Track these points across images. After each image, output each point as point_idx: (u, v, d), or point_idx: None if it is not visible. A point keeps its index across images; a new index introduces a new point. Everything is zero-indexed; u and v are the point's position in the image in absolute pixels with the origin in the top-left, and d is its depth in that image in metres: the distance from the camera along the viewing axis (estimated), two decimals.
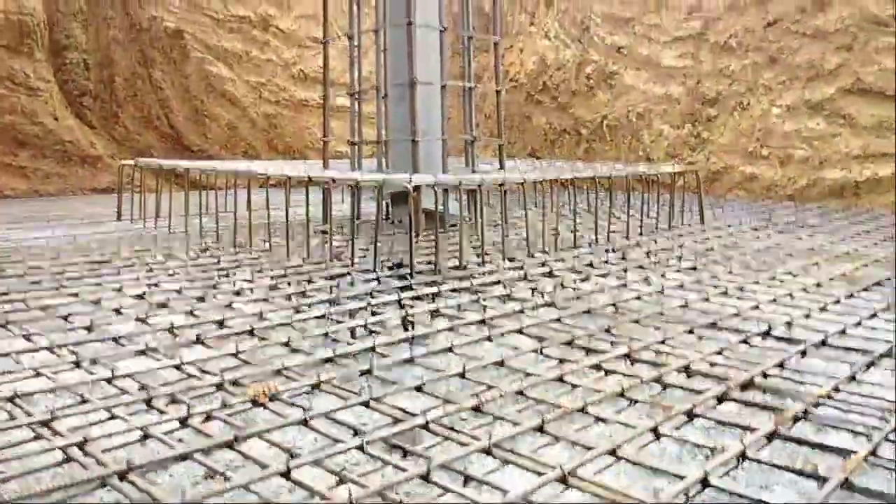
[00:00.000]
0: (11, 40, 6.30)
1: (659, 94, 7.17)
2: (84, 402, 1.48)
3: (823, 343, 1.97)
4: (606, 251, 3.61)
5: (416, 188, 3.24)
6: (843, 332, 2.09)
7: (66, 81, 6.79)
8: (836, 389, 1.58)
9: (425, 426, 1.34)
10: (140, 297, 2.56)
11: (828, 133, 6.01)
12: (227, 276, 2.98)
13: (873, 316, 2.29)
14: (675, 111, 7.06)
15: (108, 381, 1.62)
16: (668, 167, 4.97)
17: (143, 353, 1.86)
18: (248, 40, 7.60)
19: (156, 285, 2.76)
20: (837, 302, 2.51)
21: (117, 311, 2.34)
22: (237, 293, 2.65)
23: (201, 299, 2.52)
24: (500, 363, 1.76)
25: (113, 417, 1.41)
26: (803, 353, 1.88)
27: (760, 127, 6.42)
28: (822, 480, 1.13)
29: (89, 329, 2.11)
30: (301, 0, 7.97)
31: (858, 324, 2.19)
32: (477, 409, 1.44)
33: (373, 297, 2.53)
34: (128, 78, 7.07)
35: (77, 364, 1.76)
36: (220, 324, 2.15)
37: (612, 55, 7.57)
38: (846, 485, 1.12)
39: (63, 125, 6.69)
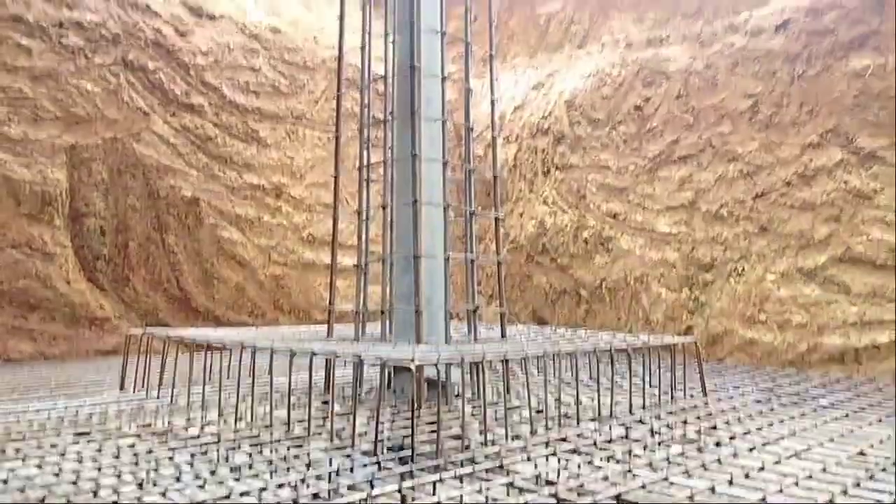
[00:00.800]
0: (33, 208, 6.62)
1: (655, 258, 7.38)
2: None
3: None
4: (610, 427, 3.59)
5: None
6: None
7: (82, 246, 7.04)
8: None
9: None
10: (139, 486, 2.54)
11: (823, 300, 6.13)
12: (227, 458, 2.96)
13: None
14: (672, 275, 7.24)
15: None
16: (668, 338, 5.04)
17: None
18: (260, 206, 7.95)
19: (156, 470, 2.74)
20: (844, 492, 2.48)
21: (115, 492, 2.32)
22: (236, 479, 2.62)
23: (201, 487, 2.50)
24: None
25: None
26: None
27: (757, 293, 6.56)
28: None
29: None
30: (314, 169, 8.41)
31: None
32: None
33: (373, 487, 2.51)
34: (142, 243, 7.33)
35: None
36: None
37: (607, 221, 7.87)
38: None
39: (75, 289, 6.87)
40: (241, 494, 2.41)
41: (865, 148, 6.00)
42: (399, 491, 2.47)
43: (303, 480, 2.61)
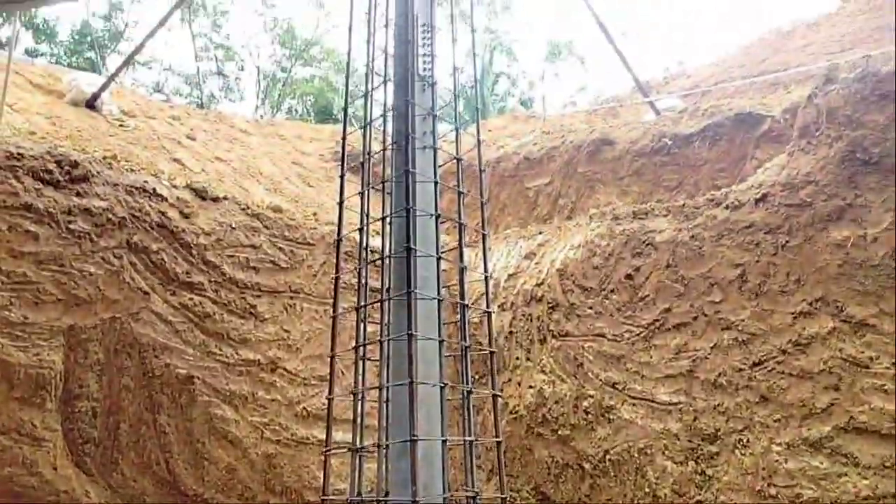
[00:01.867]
0: (26, 392, 6.55)
1: (658, 429, 7.23)
2: None
3: None
4: None
5: None
6: None
7: (73, 429, 6.89)
8: None
9: None
10: None
11: (833, 472, 5.94)
12: None
13: None
14: (677, 447, 7.06)
15: None
16: None
17: None
18: (255, 382, 7.88)
19: None
20: None
21: None
22: None
23: None
24: None
25: None
26: None
27: (764, 465, 6.37)
28: None
29: None
30: (310, 342, 8.43)
31: None
32: None
33: None
34: (133, 424, 7.19)
35: None
36: None
37: (607, 390, 7.78)
38: None
39: (61, 475, 6.64)
40: None
41: (856, 316, 6.09)
42: None
43: None
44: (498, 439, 4.95)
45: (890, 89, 6.18)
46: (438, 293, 5.12)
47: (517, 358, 9.06)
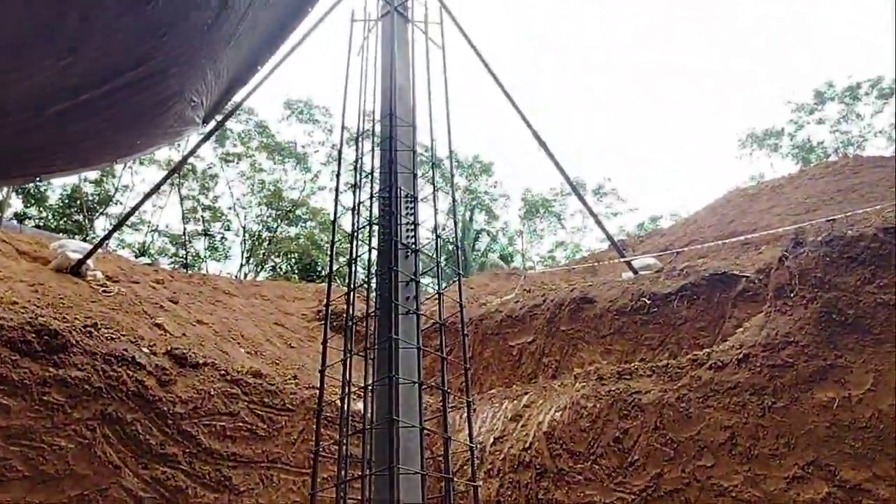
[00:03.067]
0: None
1: None
2: None
3: None
4: None
5: None
6: None
7: None
8: None
9: None
10: None
11: None
12: None
13: None
14: None
15: None
16: None
17: None
18: None
19: None
20: None
21: None
22: None
23: None
24: None
25: None
26: None
27: None
28: None
29: None
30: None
31: None
32: None
33: None
34: None
35: None
36: None
37: None
38: None
39: None
40: None
41: (850, 481, 5.94)
42: None
43: None
44: None
45: (857, 252, 6.42)
46: (422, 467, 4.97)
47: None
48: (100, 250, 11.13)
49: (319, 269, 27.23)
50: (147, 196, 11.62)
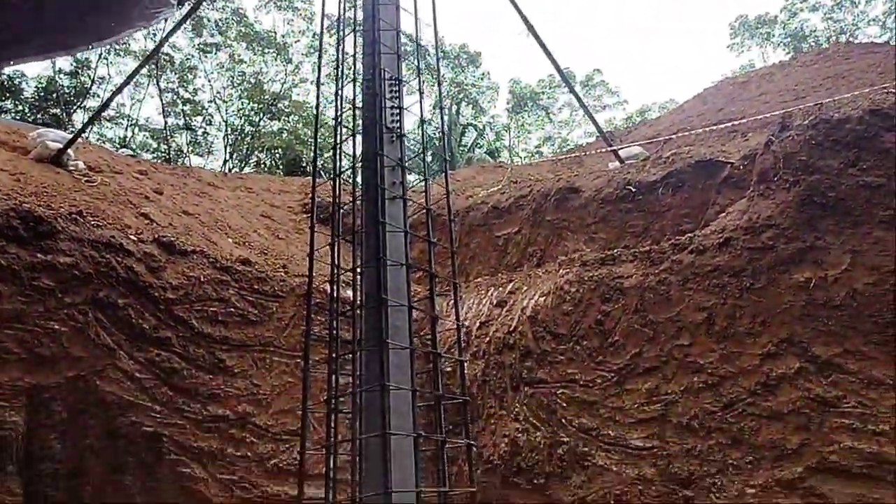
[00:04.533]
0: None
1: (632, 475, 7.21)
2: None
3: None
4: None
5: None
6: None
7: (35, 493, 6.65)
8: None
9: None
10: None
11: None
12: None
13: None
14: (652, 492, 7.03)
15: None
16: None
17: None
18: (224, 438, 7.71)
19: None
20: None
21: None
22: None
23: None
24: None
25: None
26: None
27: None
28: None
29: None
30: (280, 396, 8.29)
31: None
32: None
33: None
34: (96, 485, 6.96)
35: None
36: None
37: (581, 437, 7.76)
38: None
39: None
40: None
41: (821, 356, 6.20)
42: None
43: None
44: (472, 489, 4.90)
45: (842, 135, 6.43)
46: (411, 343, 5.12)
47: (490, 406, 9.00)
48: (80, 141, 10.94)
49: (304, 164, 26.94)
50: (126, 81, 11.33)
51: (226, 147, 28.34)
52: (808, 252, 6.53)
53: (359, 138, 5.74)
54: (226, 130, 28.41)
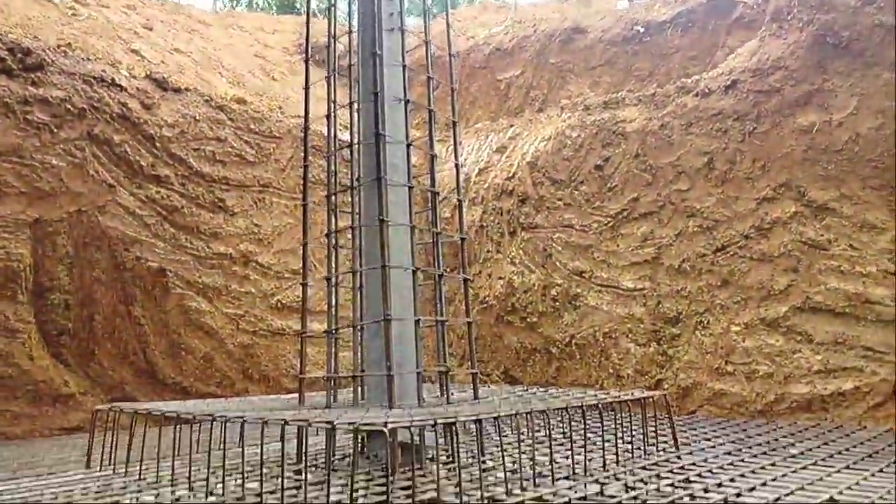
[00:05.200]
0: None
1: (622, 314, 7.48)
2: None
3: None
4: (585, 485, 3.59)
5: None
6: None
7: (46, 321, 6.92)
8: None
9: None
10: None
11: (787, 349, 6.25)
12: None
13: None
14: (640, 330, 7.33)
15: None
16: (637, 393, 5.08)
17: None
18: (228, 275, 7.92)
19: None
20: None
21: None
22: None
23: None
24: None
25: None
26: None
27: (723, 344, 6.67)
28: None
29: None
30: (281, 236, 8.43)
31: None
32: None
33: None
34: (107, 316, 7.23)
35: None
36: None
37: (574, 279, 7.98)
38: None
39: (38, 365, 6.72)
40: None
41: (817, 200, 6.24)
42: None
43: None
44: (469, 320, 5.08)
45: None
46: (409, 180, 5.12)
47: (487, 251, 9.19)
48: None
49: (297, 5, 25.70)
50: None
51: None
52: (814, 95, 6.38)
53: None
54: None
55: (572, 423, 4.41)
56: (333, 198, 5.33)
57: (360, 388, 4.94)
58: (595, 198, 7.98)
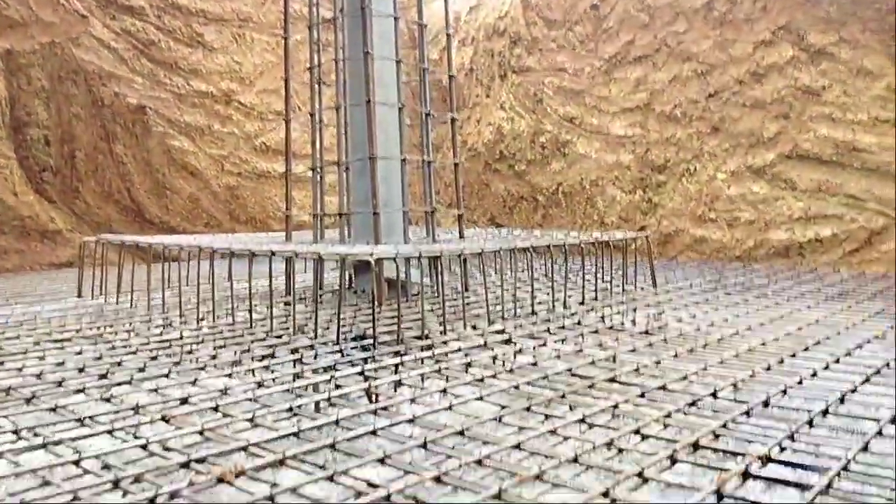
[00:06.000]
0: None
1: (610, 161, 7.46)
2: (47, 484, 1.50)
3: (766, 404, 2.08)
4: (563, 317, 3.72)
5: (379, 260, 3.33)
6: (784, 392, 2.20)
7: (27, 157, 6.82)
8: (780, 448, 1.68)
9: (387, 498, 1.39)
10: (103, 376, 2.57)
11: (771, 197, 6.31)
12: (190, 352, 3.00)
13: (814, 375, 2.42)
14: (627, 178, 7.34)
15: (75, 463, 1.64)
16: (619, 234, 5.16)
17: (108, 432, 1.88)
18: (210, 115, 7.74)
19: (119, 364, 2.77)
20: (781, 362, 2.64)
21: (80, 391, 2.35)
22: (201, 368, 2.68)
23: (165, 376, 2.55)
24: (461, 432, 1.83)
25: (77, 499, 1.43)
26: (748, 414, 1.99)
27: (707, 192, 6.71)
28: None
29: (53, 410, 2.12)
30: (263, 75, 8.17)
31: (800, 382, 2.32)
32: (438, 480, 1.50)
33: (336, 370, 2.58)
34: (89, 153, 7.13)
35: (42, 446, 1.77)
36: (185, 401, 2.18)
37: (564, 125, 7.88)
38: None
39: (23, 201, 6.69)
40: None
41: (816, 44, 6.07)
42: (361, 373, 2.55)
43: (267, 367, 2.68)
44: (456, 161, 5.05)
45: None
46: (395, 10, 4.90)
47: (476, 95, 8.99)
48: None
49: None
50: None
51: None
52: None
53: None
54: None
55: (554, 265, 4.50)
56: (315, 31, 5.10)
57: (346, 228, 4.98)
58: (589, 39, 7.72)
